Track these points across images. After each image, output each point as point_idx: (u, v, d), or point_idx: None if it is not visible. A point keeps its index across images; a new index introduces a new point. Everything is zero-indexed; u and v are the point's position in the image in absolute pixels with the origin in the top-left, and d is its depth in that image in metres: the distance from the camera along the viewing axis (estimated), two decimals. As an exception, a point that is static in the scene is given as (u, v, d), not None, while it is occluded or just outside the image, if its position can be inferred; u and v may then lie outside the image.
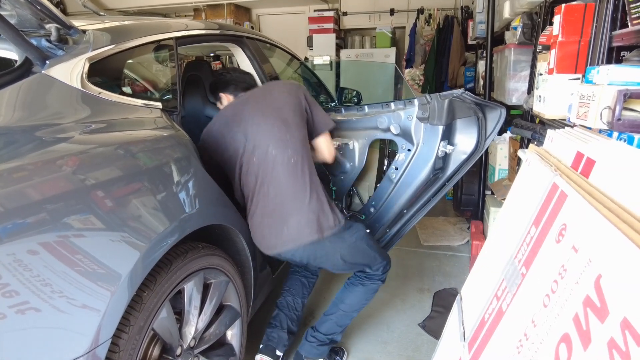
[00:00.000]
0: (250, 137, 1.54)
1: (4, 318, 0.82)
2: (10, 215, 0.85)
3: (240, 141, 1.55)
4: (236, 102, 1.68)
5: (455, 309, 1.34)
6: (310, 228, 1.51)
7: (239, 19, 6.06)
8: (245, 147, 1.54)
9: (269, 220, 1.54)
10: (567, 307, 0.68)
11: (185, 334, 1.35)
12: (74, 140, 1.07)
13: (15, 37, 1.04)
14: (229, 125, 1.58)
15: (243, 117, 1.57)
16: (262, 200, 1.54)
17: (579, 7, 1.31)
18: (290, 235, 1.52)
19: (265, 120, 1.55)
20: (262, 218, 1.55)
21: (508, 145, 2.71)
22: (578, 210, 0.77)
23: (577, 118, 1.18)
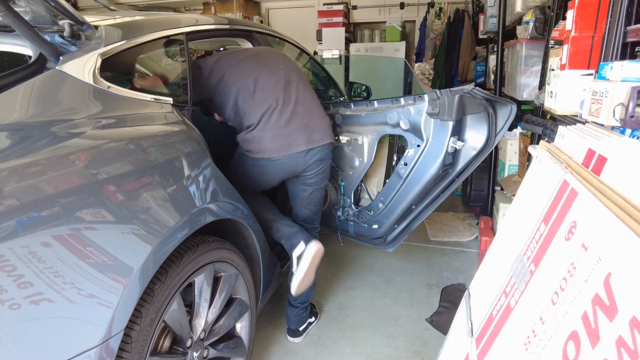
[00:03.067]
0: (265, 63, 1.80)
1: (19, 308, 0.84)
2: (27, 210, 0.87)
3: (258, 61, 1.80)
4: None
5: (463, 305, 1.34)
6: (330, 131, 1.81)
7: (248, 13, 6.06)
8: (267, 66, 1.78)
9: (296, 124, 1.71)
10: (576, 305, 0.68)
11: (196, 326, 1.37)
12: (87, 136, 1.09)
13: (30, 33, 1.06)
14: (239, 55, 1.82)
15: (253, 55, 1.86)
16: (287, 110, 1.71)
17: (593, 1, 1.29)
18: (319, 135, 1.75)
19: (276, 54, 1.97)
20: (287, 125, 1.69)
21: (518, 141, 2.69)
22: (588, 208, 0.77)
23: (589, 115, 1.17)
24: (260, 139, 1.70)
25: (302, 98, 1.78)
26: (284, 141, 1.69)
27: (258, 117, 1.69)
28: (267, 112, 1.69)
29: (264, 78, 1.74)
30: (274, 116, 1.68)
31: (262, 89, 1.72)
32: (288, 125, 1.70)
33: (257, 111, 1.69)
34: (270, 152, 1.70)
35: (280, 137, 1.69)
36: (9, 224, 0.83)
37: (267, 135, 1.69)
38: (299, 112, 1.73)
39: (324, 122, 1.80)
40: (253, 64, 1.79)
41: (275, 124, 1.68)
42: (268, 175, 1.82)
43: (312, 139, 1.73)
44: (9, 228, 0.83)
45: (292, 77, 1.81)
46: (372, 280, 2.51)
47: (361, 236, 2.20)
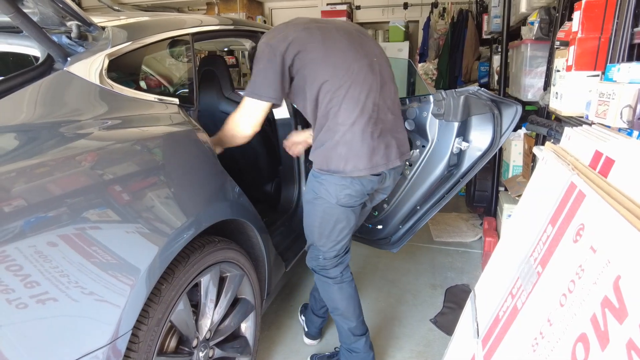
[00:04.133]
0: (362, 51, 1.47)
1: (28, 308, 0.85)
2: (35, 210, 0.87)
3: (352, 53, 1.44)
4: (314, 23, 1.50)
5: (468, 306, 1.34)
6: (407, 146, 1.59)
7: (252, 13, 6.06)
8: (360, 61, 1.44)
9: (385, 136, 1.46)
10: (585, 307, 0.68)
11: (201, 326, 1.37)
12: (94, 137, 1.09)
13: (38, 34, 1.06)
14: (330, 34, 1.44)
15: (344, 32, 1.48)
16: (376, 118, 1.44)
17: (599, 2, 1.29)
18: (399, 151, 1.52)
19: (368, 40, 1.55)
20: (374, 135, 1.42)
21: (523, 142, 2.69)
22: (597, 210, 0.77)
23: (596, 116, 1.17)
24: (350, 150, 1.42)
25: (393, 104, 1.52)
26: (373, 157, 1.43)
27: (350, 122, 1.40)
28: (359, 119, 1.40)
29: (359, 72, 1.42)
30: (369, 126, 1.41)
31: (356, 88, 1.41)
32: (383, 137, 1.45)
33: (348, 115, 1.41)
34: (356, 169, 1.42)
35: (371, 150, 1.43)
36: (17, 224, 0.84)
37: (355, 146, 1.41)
38: (390, 122, 1.49)
39: (405, 134, 1.59)
40: (345, 44, 1.44)
41: (370, 135, 1.42)
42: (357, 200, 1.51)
43: (398, 153, 1.50)
44: (18, 228, 0.84)
45: (386, 74, 1.52)
46: (376, 281, 2.51)
47: (365, 237, 2.20)
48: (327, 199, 1.47)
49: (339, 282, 1.64)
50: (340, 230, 1.54)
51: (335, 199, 1.46)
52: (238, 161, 2.41)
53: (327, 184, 1.45)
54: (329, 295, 1.68)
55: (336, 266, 1.63)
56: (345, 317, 1.66)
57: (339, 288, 1.64)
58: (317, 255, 1.63)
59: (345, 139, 1.39)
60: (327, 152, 1.42)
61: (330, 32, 1.45)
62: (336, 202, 1.46)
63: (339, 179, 1.43)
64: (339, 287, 1.64)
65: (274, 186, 2.52)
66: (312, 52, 1.39)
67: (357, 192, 1.46)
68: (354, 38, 1.48)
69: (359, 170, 1.41)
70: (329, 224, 1.52)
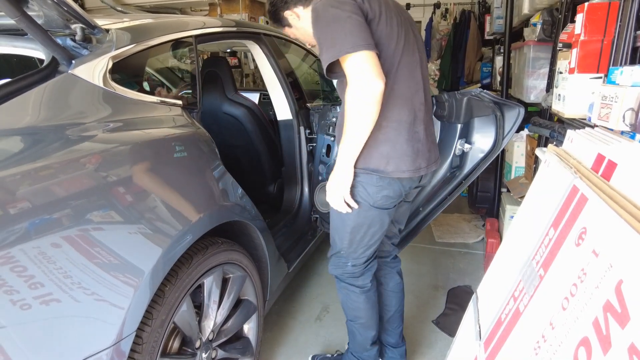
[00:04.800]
0: (414, 45, 1.32)
1: (33, 310, 0.86)
2: (40, 213, 0.88)
3: (406, 43, 1.28)
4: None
5: (471, 308, 1.35)
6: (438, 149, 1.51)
7: (254, 14, 6.07)
8: (411, 56, 1.30)
9: (428, 138, 1.39)
10: (587, 311, 0.68)
11: (205, 328, 1.38)
12: (98, 139, 1.10)
13: (43, 37, 1.07)
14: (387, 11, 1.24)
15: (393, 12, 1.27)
16: (422, 117, 1.33)
17: (602, 5, 1.29)
18: (436, 154, 1.45)
19: (409, 25, 1.34)
20: (419, 136, 1.33)
21: (525, 143, 2.69)
22: (599, 214, 0.77)
23: (599, 119, 1.17)
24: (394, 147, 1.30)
25: (429, 104, 1.41)
26: (417, 159, 1.34)
27: (397, 119, 1.28)
28: (407, 117, 1.29)
29: (409, 66, 1.29)
30: (415, 126, 1.32)
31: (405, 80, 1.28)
32: (426, 138, 1.37)
33: (397, 112, 1.28)
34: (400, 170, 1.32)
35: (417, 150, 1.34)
36: (23, 226, 0.85)
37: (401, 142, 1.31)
38: (430, 123, 1.41)
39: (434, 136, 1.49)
40: (402, 30, 1.27)
41: (416, 136, 1.33)
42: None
43: (436, 155, 1.45)
44: (24, 230, 0.84)
45: (424, 68, 1.38)
46: (378, 282, 2.51)
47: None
48: (363, 201, 1.35)
49: (367, 291, 1.54)
50: (372, 235, 1.42)
51: (372, 200, 1.34)
52: (241, 162, 2.42)
53: (364, 184, 1.32)
54: (354, 305, 1.56)
55: (364, 274, 1.52)
56: (366, 327, 1.58)
57: (366, 298, 1.54)
58: (345, 263, 1.50)
59: (389, 136, 1.27)
60: (368, 150, 1.27)
61: (390, 9, 1.26)
62: (372, 203, 1.34)
63: (378, 179, 1.31)
64: (366, 296, 1.54)
65: (276, 187, 2.53)
66: (380, 24, 1.21)
67: (395, 193, 1.35)
68: (407, 26, 1.30)
69: (401, 172, 1.31)
70: (362, 228, 1.40)
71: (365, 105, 1.14)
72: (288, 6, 1.37)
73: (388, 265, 1.72)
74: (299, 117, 2.25)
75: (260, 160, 2.44)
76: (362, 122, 1.17)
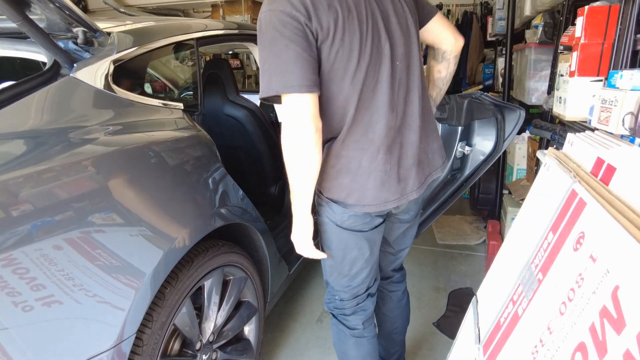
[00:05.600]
0: (386, 36, 1.07)
1: (34, 311, 0.86)
2: (42, 215, 0.89)
3: (380, 40, 1.06)
4: None
5: (470, 311, 1.35)
6: (437, 161, 1.27)
7: (256, 15, 6.05)
8: (393, 52, 1.08)
9: (402, 165, 1.16)
10: (584, 316, 0.68)
11: (205, 329, 1.39)
12: (100, 142, 1.11)
13: (45, 41, 1.08)
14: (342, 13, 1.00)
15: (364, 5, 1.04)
16: (389, 144, 1.12)
17: (602, 8, 1.29)
18: (424, 173, 1.23)
19: (397, 13, 1.10)
20: (386, 167, 1.13)
21: (527, 145, 2.68)
22: (597, 219, 0.77)
23: (599, 123, 1.17)
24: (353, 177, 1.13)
25: (420, 115, 1.17)
26: (382, 192, 1.14)
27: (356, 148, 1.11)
28: (368, 147, 1.10)
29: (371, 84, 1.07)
30: (380, 155, 1.11)
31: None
32: (400, 166, 1.16)
33: (354, 140, 1.10)
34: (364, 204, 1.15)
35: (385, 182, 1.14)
36: (25, 228, 0.85)
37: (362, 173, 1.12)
38: (413, 143, 1.17)
39: (439, 143, 1.28)
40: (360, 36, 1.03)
41: (382, 166, 1.12)
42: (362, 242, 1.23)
43: (420, 179, 1.21)
44: (26, 232, 0.85)
45: (413, 72, 1.14)
46: (379, 284, 2.51)
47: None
48: (329, 221, 1.21)
49: (358, 335, 1.36)
50: (351, 262, 1.25)
51: (339, 221, 1.19)
52: (242, 163, 2.42)
53: (330, 204, 1.18)
54: (342, 348, 1.40)
55: (355, 313, 1.35)
56: None
57: (356, 343, 1.36)
58: (334, 296, 1.37)
59: (349, 167, 1.11)
60: (327, 180, 1.14)
61: (352, 15, 1.02)
62: (340, 224, 1.19)
63: (341, 207, 1.16)
64: (357, 341, 1.36)
65: (277, 189, 2.53)
66: (334, 44, 1.02)
67: (362, 215, 1.18)
68: (383, 22, 1.06)
69: (362, 205, 1.14)
70: (338, 252, 1.25)
71: (301, 147, 1.00)
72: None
73: (385, 288, 1.58)
74: None
75: (262, 162, 2.45)
76: (301, 170, 1.04)
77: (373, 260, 1.30)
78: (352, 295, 1.33)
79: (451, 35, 1.26)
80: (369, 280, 1.33)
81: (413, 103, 1.14)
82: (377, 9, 1.06)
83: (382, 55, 1.06)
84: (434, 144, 1.25)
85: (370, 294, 1.37)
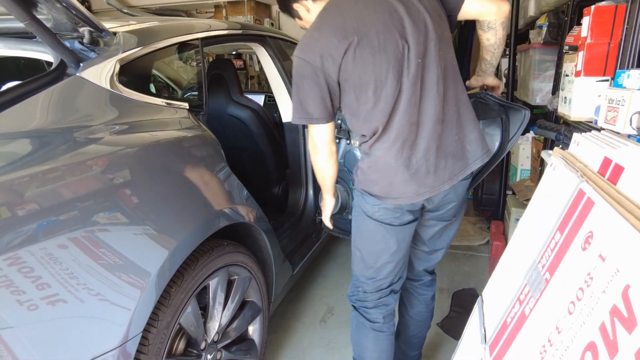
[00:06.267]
0: (413, 39, 1.14)
1: (40, 310, 0.86)
2: (47, 215, 0.89)
3: (397, 46, 1.13)
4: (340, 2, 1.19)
5: (476, 311, 1.34)
6: (475, 152, 1.28)
7: (259, 16, 6.09)
8: (408, 55, 1.14)
9: (431, 158, 1.22)
10: (594, 316, 0.68)
11: (210, 329, 1.39)
12: (105, 142, 1.11)
13: (53, 41, 1.08)
14: (360, 32, 1.12)
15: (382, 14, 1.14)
16: (413, 139, 1.20)
17: (609, 8, 1.29)
18: (474, 152, 1.27)
19: (413, 18, 1.15)
20: (411, 161, 1.21)
21: (531, 146, 2.68)
22: (605, 218, 0.77)
23: (605, 122, 1.17)
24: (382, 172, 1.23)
25: (452, 106, 1.23)
26: (411, 184, 1.22)
27: (373, 135, 1.22)
28: (392, 143, 1.20)
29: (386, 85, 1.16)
30: (404, 151, 1.20)
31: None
32: (427, 159, 1.21)
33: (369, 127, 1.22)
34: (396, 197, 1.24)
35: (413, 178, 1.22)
36: (31, 227, 0.86)
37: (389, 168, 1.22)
38: (443, 136, 1.22)
39: (477, 134, 1.29)
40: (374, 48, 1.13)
41: (406, 162, 1.21)
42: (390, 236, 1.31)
43: (454, 170, 1.25)
44: (32, 231, 0.85)
45: (433, 71, 1.18)
46: (383, 284, 2.51)
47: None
48: (360, 209, 1.32)
49: (378, 329, 1.41)
50: (377, 255, 1.32)
51: (369, 211, 1.29)
52: (245, 164, 2.43)
53: (364, 195, 1.29)
54: (360, 340, 1.45)
55: (377, 307, 1.41)
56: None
57: (375, 337, 1.41)
58: (358, 288, 1.44)
59: (378, 165, 1.23)
60: (362, 174, 1.28)
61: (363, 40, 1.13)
62: (370, 214, 1.29)
63: (374, 198, 1.26)
64: (375, 335, 1.41)
65: (281, 189, 2.53)
66: (349, 81, 1.17)
67: (392, 208, 1.26)
68: (389, 27, 1.13)
69: (393, 198, 1.23)
70: (365, 243, 1.34)
71: (317, 160, 1.31)
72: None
73: (415, 290, 1.60)
74: None
75: (265, 162, 2.45)
76: (319, 172, 1.35)
77: (399, 256, 1.35)
78: (375, 289, 1.39)
79: (491, 5, 1.24)
80: (393, 275, 1.38)
81: (434, 98, 1.19)
82: (389, 21, 1.14)
83: (400, 61, 1.14)
84: (471, 134, 1.27)
85: (393, 290, 1.42)
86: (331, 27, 1.15)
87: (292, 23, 1.52)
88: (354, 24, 1.13)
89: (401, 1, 1.16)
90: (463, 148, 1.26)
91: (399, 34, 1.14)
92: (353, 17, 1.14)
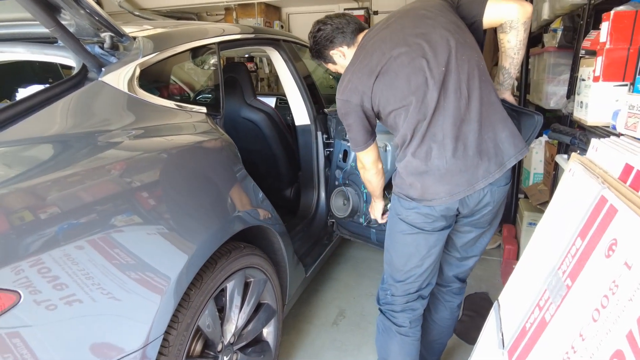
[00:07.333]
0: (432, 53, 1.23)
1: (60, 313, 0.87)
2: (69, 219, 0.90)
3: (418, 63, 1.23)
4: (370, 41, 1.32)
5: (492, 316, 1.34)
6: (509, 151, 1.27)
7: (269, 18, 6.12)
8: (429, 66, 1.23)
9: (461, 158, 1.25)
10: (620, 324, 0.68)
11: (226, 331, 1.40)
12: (126, 146, 1.12)
13: (76, 46, 1.10)
14: (389, 65, 1.26)
15: (404, 41, 1.25)
16: (440, 141, 1.25)
17: (629, 13, 1.28)
18: (507, 151, 1.27)
19: (436, 27, 1.25)
20: (440, 162, 1.26)
21: (544, 150, 2.66)
22: (630, 225, 0.76)
23: (626, 128, 1.16)
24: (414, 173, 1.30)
25: (482, 107, 1.26)
26: (443, 184, 1.27)
27: (406, 138, 1.31)
28: (419, 147, 1.28)
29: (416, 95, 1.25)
30: (433, 152, 1.26)
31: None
32: (456, 160, 1.25)
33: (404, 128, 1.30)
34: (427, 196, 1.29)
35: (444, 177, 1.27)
36: (52, 231, 0.87)
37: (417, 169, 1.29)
38: (473, 137, 1.25)
39: (508, 132, 1.29)
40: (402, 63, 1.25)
41: (435, 163, 1.26)
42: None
43: (488, 169, 1.26)
44: (52, 235, 0.86)
45: (454, 79, 1.24)
46: (394, 287, 2.50)
47: (383, 243, 2.21)
48: (397, 213, 1.37)
49: (404, 333, 1.43)
50: (407, 258, 1.36)
51: (403, 214, 1.34)
52: (258, 166, 2.44)
53: (399, 199, 1.36)
54: (385, 345, 1.47)
55: (404, 311, 1.43)
56: None
57: (401, 341, 1.43)
58: (386, 290, 1.46)
59: (410, 169, 1.30)
60: (399, 178, 1.35)
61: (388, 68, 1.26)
62: (403, 217, 1.34)
63: (408, 200, 1.33)
64: (401, 339, 1.43)
65: (293, 191, 2.54)
66: (387, 108, 1.31)
67: (425, 213, 1.31)
68: (409, 52, 1.24)
69: (427, 200, 1.28)
70: (396, 245, 1.39)
71: (366, 177, 1.53)
72: (334, 46, 1.43)
73: (442, 296, 1.60)
74: (316, 122, 2.26)
75: (278, 165, 2.46)
76: (369, 185, 1.58)
77: (429, 262, 1.38)
78: (403, 292, 1.42)
79: (513, 4, 1.26)
80: (422, 280, 1.41)
81: (457, 100, 1.24)
82: (409, 47, 1.25)
83: (423, 75, 1.24)
84: (502, 133, 1.28)
85: (421, 295, 1.44)
86: (360, 66, 1.30)
87: (301, 27, 1.54)
88: (378, 58, 1.27)
89: (416, 25, 1.27)
90: (496, 147, 1.27)
91: (419, 53, 1.24)
92: (376, 52, 1.28)
